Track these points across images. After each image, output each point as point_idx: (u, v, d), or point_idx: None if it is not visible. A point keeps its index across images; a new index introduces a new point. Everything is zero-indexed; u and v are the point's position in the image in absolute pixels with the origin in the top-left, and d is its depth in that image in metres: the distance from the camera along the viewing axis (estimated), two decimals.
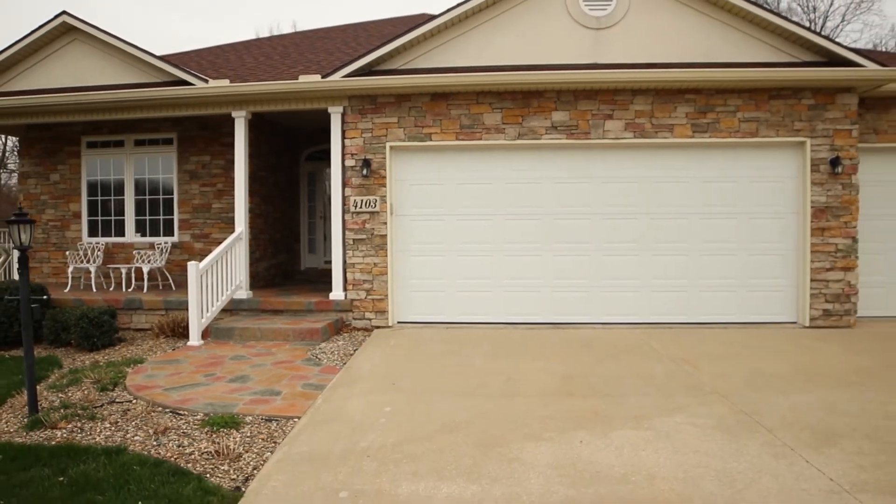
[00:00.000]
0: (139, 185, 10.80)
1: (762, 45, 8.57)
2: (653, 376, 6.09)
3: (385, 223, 8.75)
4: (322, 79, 8.51)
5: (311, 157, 12.65)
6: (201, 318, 7.79)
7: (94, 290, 9.81)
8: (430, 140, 8.73)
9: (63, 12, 9.25)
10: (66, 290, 9.72)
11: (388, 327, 8.71)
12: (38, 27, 9.37)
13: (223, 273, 8.41)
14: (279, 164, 11.61)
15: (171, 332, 8.25)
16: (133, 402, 5.45)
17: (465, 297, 8.84)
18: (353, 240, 8.80)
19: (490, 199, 8.81)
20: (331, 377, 6.10)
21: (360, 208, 8.76)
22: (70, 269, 9.98)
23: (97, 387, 5.87)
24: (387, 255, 8.76)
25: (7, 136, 25.29)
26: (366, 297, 8.79)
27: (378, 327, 8.69)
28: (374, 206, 8.74)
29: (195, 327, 7.67)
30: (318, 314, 8.68)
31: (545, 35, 8.68)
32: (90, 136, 10.79)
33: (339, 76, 8.53)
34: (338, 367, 6.56)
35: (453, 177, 8.83)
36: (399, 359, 6.98)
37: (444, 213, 8.84)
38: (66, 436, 4.71)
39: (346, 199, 8.83)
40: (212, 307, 8.10)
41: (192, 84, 8.91)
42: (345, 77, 8.53)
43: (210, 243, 10.42)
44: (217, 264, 8.22)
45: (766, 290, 8.69)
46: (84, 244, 10.52)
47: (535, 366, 6.51)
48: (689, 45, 8.59)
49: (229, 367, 6.56)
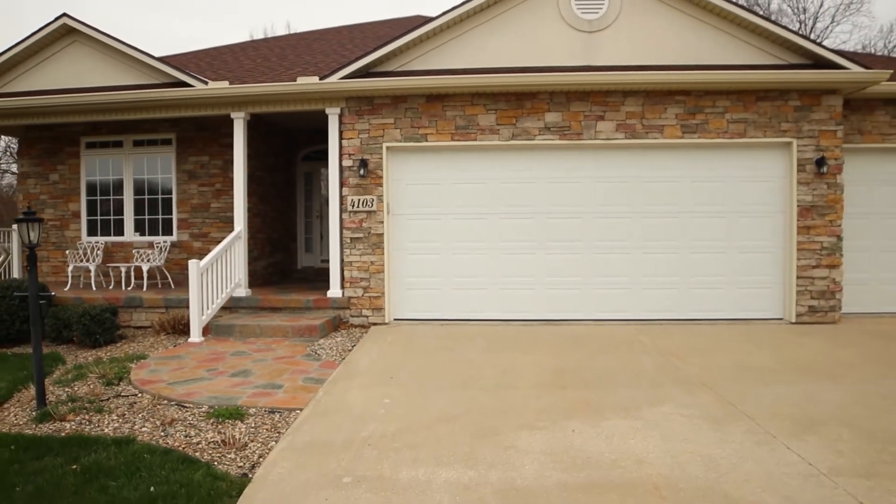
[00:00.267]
0: (138, 185, 10.93)
1: (750, 47, 8.78)
2: (642, 369, 6.30)
3: (382, 222, 8.92)
4: (320, 80, 8.68)
5: (308, 158, 12.81)
6: (202, 316, 7.94)
7: (94, 289, 9.94)
8: (426, 141, 8.90)
9: (63, 14, 9.38)
10: (66, 289, 9.84)
11: (385, 324, 8.88)
12: (39, 29, 9.49)
13: (223, 271, 8.56)
14: (276, 165, 11.76)
15: (172, 329, 8.39)
16: (138, 395, 5.60)
17: (461, 295, 9.02)
18: (351, 238, 8.97)
19: (485, 199, 8.99)
20: (330, 371, 6.27)
21: (358, 207, 8.93)
22: (70, 268, 10.10)
23: (102, 381, 6.03)
24: (383, 254, 8.93)
25: (0, 137, 25.30)
26: (363, 295, 8.95)
27: (375, 324, 8.86)
28: (371, 205, 8.91)
29: (196, 324, 7.82)
30: (316, 311, 8.84)
31: (538, 37, 8.87)
32: (89, 137, 10.92)
33: (336, 78, 8.69)
34: (337, 362, 6.73)
35: (449, 177, 9.01)
36: (396, 354, 7.16)
37: (440, 212, 9.02)
38: (74, 428, 4.87)
39: (343, 198, 8.99)
40: (212, 305, 8.25)
41: (191, 85, 9.05)
42: (342, 79, 8.69)
43: (208, 242, 10.56)
44: (217, 263, 8.37)
45: (753, 287, 8.91)
46: (83, 243, 10.64)
47: (528, 360, 6.70)
48: (679, 48, 8.79)
49: (231, 362, 6.72)
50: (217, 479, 3.77)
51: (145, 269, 9.91)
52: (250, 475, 3.91)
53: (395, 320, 9.02)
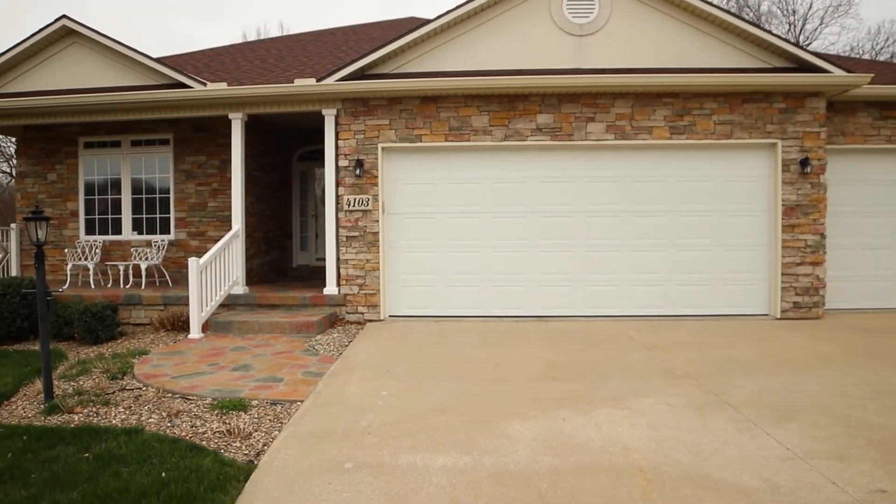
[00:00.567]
0: (136, 185, 11.06)
1: (737, 51, 9.02)
2: (630, 363, 6.53)
3: (377, 221, 9.11)
4: (317, 82, 8.85)
5: (303, 158, 12.98)
6: (201, 312, 8.10)
7: (93, 287, 10.08)
8: (421, 141, 9.10)
9: (63, 16, 9.50)
10: (66, 287, 9.98)
11: (381, 321, 9.07)
12: (39, 30, 9.61)
13: (221, 269, 8.71)
14: (272, 164, 11.93)
15: (172, 326, 8.54)
16: (143, 389, 5.77)
17: (455, 292, 9.22)
18: (347, 237, 9.15)
19: (478, 198, 9.19)
20: (329, 366, 6.46)
21: (354, 207, 9.11)
22: (69, 267, 10.23)
23: (107, 376, 6.19)
24: (379, 252, 9.12)
25: None
26: (359, 292, 9.14)
27: (370, 321, 9.05)
28: (367, 204, 9.10)
29: (196, 320, 7.98)
30: (312, 308, 9.02)
31: (531, 41, 9.08)
32: (87, 137, 11.04)
33: (332, 80, 8.87)
34: (335, 356, 6.92)
35: (443, 176, 9.21)
36: (392, 349, 7.36)
37: (434, 211, 9.21)
38: (82, 419, 5.03)
39: (339, 197, 9.17)
40: (211, 302, 8.41)
41: (190, 87, 9.20)
42: (338, 81, 8.87)
43: (206, 241, 10.71)
44: (216, 261, 8.53)
45: (739, 283, 9.15)
46: (81, 242, 10.76)
47: (521, 354, 6.92)
48: (668, 52, 9.02)
49: (231, 357, 6.89)
50: (225, 465, 3.96)
51: (144, 267, 10.06)
52: (256, 462, 4.10)
53: (391, 317, 9.21)
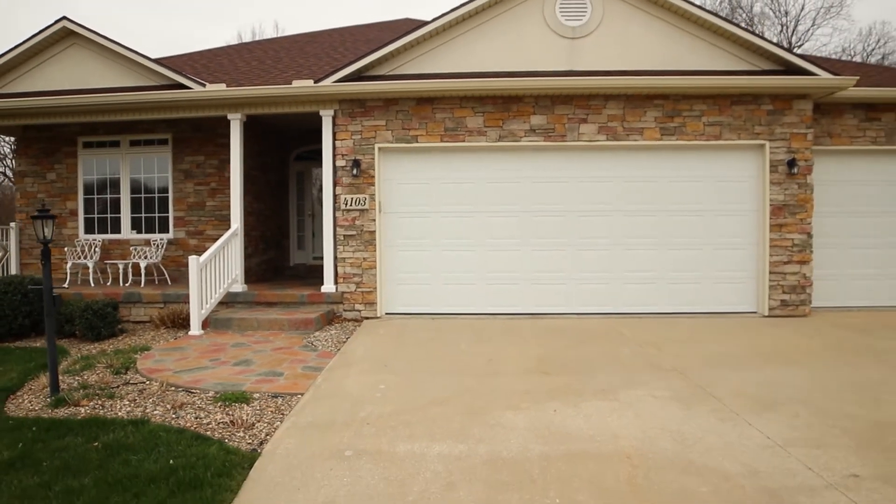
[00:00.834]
0: (135, 184, 11.20)
1: (726, 54, 9.23)
2: (620, 357, 6.73)
3: (374, 220, 9.28)
4: (315, 84, 9.02)
5: (300, 157, 13.13)
6: (201, 309, 8.25)
7: (93, 285, 10.22)
8: (417, 142, 9.27)
9: (63, 17, 9.63)
10: (66, 285, 10.12)
11: (377, 318, 9.24)
12: (39, 31, 9.73)
13: (220, 267, 8.86)
14: (270, 164, 12.09)
15: (172, 323, 8.69)
16: (147, 383, 5.93)
17: (450, 290, 9.40)
18: (344, 236, 9.32)
19: (473, 198, 9.37)
20: (327, 361, 6.63)
21: (351, 206, 9.28)
22: (68, 265, 10.37)
23: (111, 371, 6.34)
24: (375, 250, 9.29)
25: None
26: (356, 290, 9.30)
27: (367, 318, 9.22)
28: (364, 203, 9.27)
29: (196, 317, 8.13)
30: (310, 306, 9.18)
31: (524, 43, 9.27)
32: (86, 137, 11.17)
33: (330, 81, 9.04)
34: (333, 352, 7.09)
35: (438, 176, 9.39)
36: (389, 345, 7.54)
37: (430, 210, 9.39)
38: (89, 412, 5.18)
39: (336, 197, 9.34)
40: (210, 299, 8.56)
41: (189, 87, 9.34)
42: (336, 82, 9.04)
43: (204, 240, 10.86)
44: (215, 259, 8.68)
45: (728, 282, 9.36)
46: (81, 241, 10.89)
47: (514, 350, 7.10)
48: (659, 54, 9.22)
49: (232, 352, 7.06)
50: (230, 453, 4.13)
51: (143, 265, 10.20)
52: (260, 450, 4.26)
53: (387, 314, 9.38)
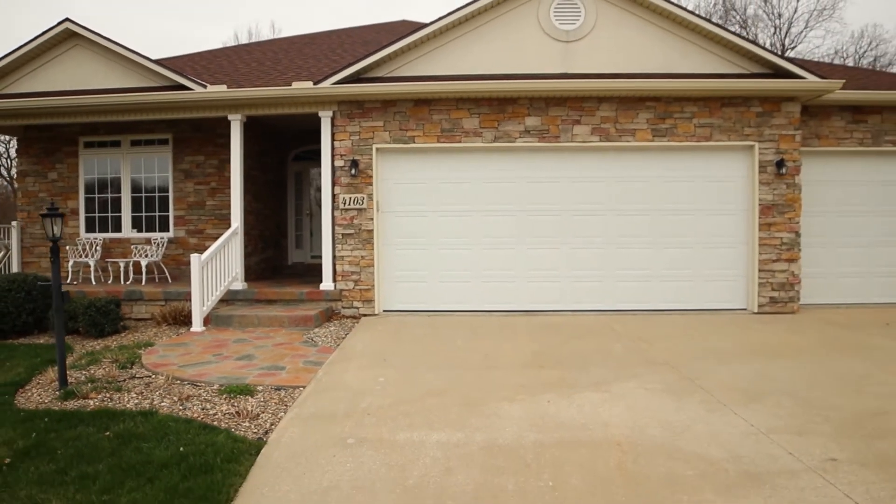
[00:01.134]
0: (135, 184, 11.34)
1: (716, 57, 9.44)
2: (613, 352, 6.93)
3: (372, 219, 9.46)
4: (314, 85, 9.19)
5: (299, 158, 13.30)
6: (203, 306, 8.41)
7: (94, 283, 10.37)
8: (414, 142, 9.46)
9: (66, 19, 9.77)
10: (67, 283, 10.25)
11: (375, 315, 9.42)
12: (42, 33, 9.86)
13: (221, 265, 9.02)
14: (268, 164, 12.25)
15: (173, 320, 8.85)
16: (152, 376, 6.09)
17: (446, 288, 9.59)
18: (342, 234, 9.49)
19: (469, 198, 9.56)
20: (328, 355, 6.81)
21: (349, 205, 9.45)
22: (70, 264, 10.51)
23: (116, 365, 6.50)
24: (373, 249, 9.46)
25: None
26: (354, 288, 9.48)
27: (365, 315, 9.40)
28: (362, 203, 9.44)
29: (198, 314, 8.29)
30: (309, 303, 9.35)
31: (519, 46, 9.46)
32: (88, 137, 11.31)
33: (329, 83, 9.21)
34: (333, 347, 7.26)
35: (435, 176, 9.57)
36: (387, 340, 7.72)
37: (427, 209, 9.58)
38: (98, 404, 5.34)
39: (335, 196, 9.51)
40: (212, 296, 8.72)
41: (190, 88, 9.49)
42: (334, 84, 9.21)
43: (204, 238, 11.02)
44: (216, 257, 8.84)
45: (719, 280, 9.57)
46: (82, 239, 11.04)
47: (509, 345, 7.30)
48: (651, 57, 9.42)
49: (234, 348, 7.22)
50: (237, 441, 4.30)
51: (144, 264, 10.35)
52: (265, 439, 4.44)
53: (385, 311, 9.56)
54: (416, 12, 46.56)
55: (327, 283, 9.52)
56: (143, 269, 10.35)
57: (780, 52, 30.06)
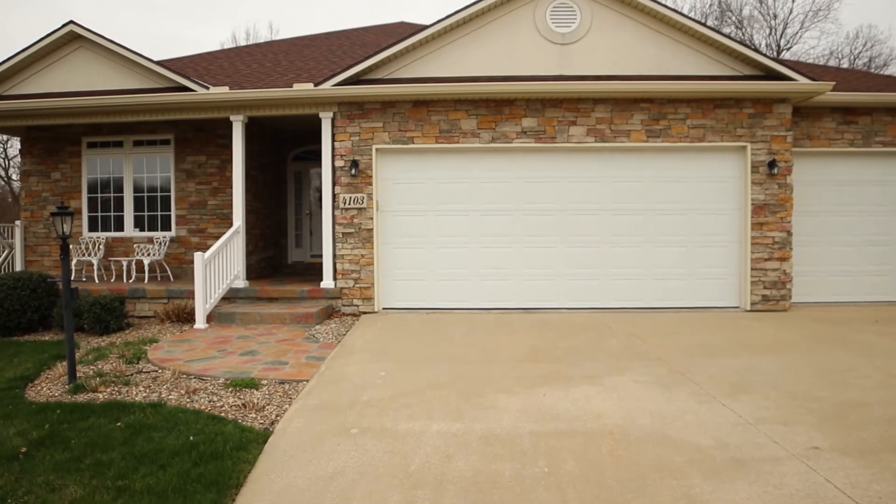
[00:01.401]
0: (138, 183, 11.50)
1: (709, 60, 9.63)
2: (607, 348, 7.11)
3: (371, 218, 9.63)
4: (315, 87, 9.36)
5: (298, 158, 13.46)
6: (206, 304, 8.57)
7: (97, 282, 10.52)
8: (413, 143, 9.63)
9: (70, 21, 9.92)
10: (71, 281, 10.38)
11: (375, 312, 9.59)
12: (46, 35, 10.01)
13: (223, 264, 9.18)
14: (268, 164, 12.42)
15: (176, 317, 9.01)
16: (159, 371, 6.26)
17: (445, 286, 9.77)
18: (343, 233, 9.66)
19: (467, 197, 9.74)
20: (329, 351, 6.98)
21: (349, 205, 9.62)
22: (73, 262, 10.65)
23: (123, 360, 6.67)
24: (373, 248, 9.64)
25: None
26: (354, 286, 9.65)
27: (365, 313, 9.57)
28: (362, 202, 9.61)
29: (201, 311, 8.46)
30: (310, 301, 9.52)
31: (516, 48, 9.64)
32: (90, 137, 11.46)
33: (329, 85, 9.38)
34: (334, 343, 7.43)
35: (433, 176, 9.75)
36: (387, 336, 7.89)
37: (426, 209, 9.75)
38: (107, 397, 5.51)
39: (335, 196, 9.69)
40: (215, 294, 8.88)
41: (192, 90, 9.65)
42: (335, 86, 9.38)
43: (206, 237, 11.18)
44: (219, 255, 9.00)
45: (712, 278, 9.77)
46: (85, 238, 11.19)
47: (506, 341, 7.48)
48: (645, 60, 9.61)
49: (237, 344, 7.39)
50: (245, 431, 4.48)
51: (146, 262, 10.51)
52: (272, 429, 4.61)
53: (384, 309, 9.73)
54: (415, 13, 46.78)
55: (328, 282, 9.68)
56: (146, 268, 10.50)
57: (776, 53, 30.38)
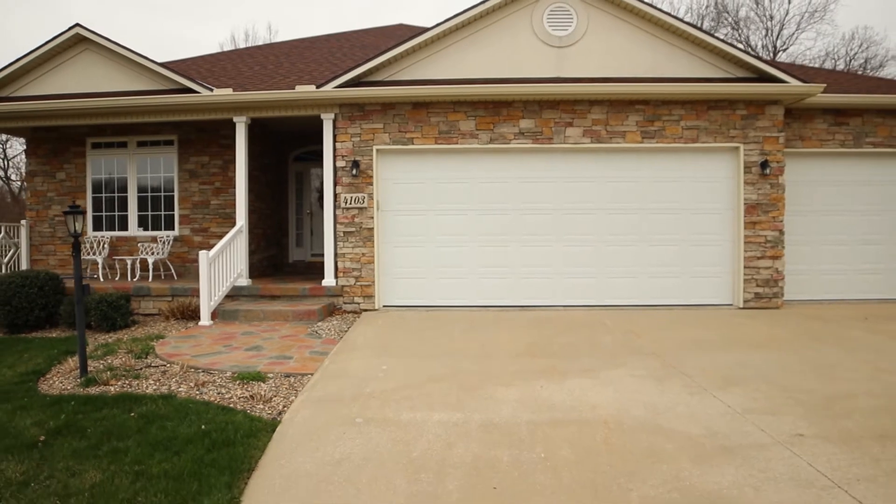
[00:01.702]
0: (141, 183, 11.68)
1: (703, 62, 9.83)
2: (603, 343, 7.31)
3: (372, 217, 9.82)
4: (317, 89, 9.55)
5: (299, 158, 13.64)
6: (210, 301, 8.75)
7: (102, 280, 10.69)
8: (412, 144, 9.83)
9: (76, 25, 10.10)
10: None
11: (375, 310, 9.78)
12: (53, 38, 10.19)
13: (227, 262, 9.37)
14: (270, 165, 12.60)
15: (181, 315, 9.19)
16: (168, 365, 6.44)
17: (444, 284, 9.96)
18: (344, 232, 9.85)
19: (465, 197, 9.94)
20: (332, 346, 7.17)
21: (350, 204, 9.81)
22: None
23: (132, 355, 6.85)
24: (374, 246, 9.83)
25: None
26: (355, 284, 9.84)
27: (366, 310, 9.75)
28: (363, 202, 9.80)
29: (206, 308, 8.64)
30: (312, 299, 9.70)
31: (514, 51, 9.84)
32: (95, 138, 11.64)
33: (331, 87, 9.57)
34: (336, 339, 7.62)
35: (433, 176, 9.95)
36: (388, 333, 8.08)
37: (425, 208, 9.95)
38: (118, 389, 5.69)
39: (337, 196, 9.87)
40: (218, 292, 9.06)
41: (196, 92, 9.84)
42: (336, 87, 9.57)
43: (209, 237, 11.36)
44: (223, 254, 9.19)
45: (706, 276, 9.97)
46: (90, 238, 11.36)
47: (504, 337, 7.67)
48: (640, 62, 9.82)
49: (242, 340, 7.58)
50: (254, 420, 4.67)
51: (151, 261, 10.68)
52: (279, 418, 4.80)
53: (384, 307, 9.92)
54: (413, 12, 46.98)
55: (329, 280, 9.87)
56: (150, 267, 10.68)
57: (772, 55, 30.62)
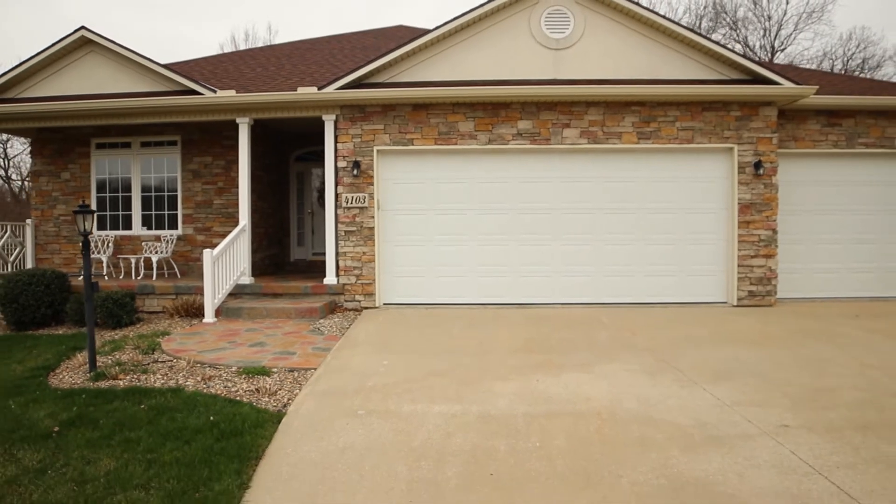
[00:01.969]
0: (145, 183, 11.85)
1: (698, 64, 10.01)
2: (598, 340, 7.48)
3: (373, 217, 9.99)
4: (318, 90, 9.72)
5: (300, 159, 13.80)
6: (214, 299, 8.92)
7: (107, 279, 10.86)
8: (412, 145, 10.00)
9: (82, 27, 10.27)
10: (81, 278, 10.72)
11: (376, 308, 9.95)
12: (58, 40, 10.36)
13: (230, 261, 9.54)
14: (271, 165, 12.76)
15: (185, 312, 9.35)
16: (174, 360, 6.61)
17: (443, 282, 10.13)
18: (345, 232, 10.02)
19: (464, 197, 10.11)
20: (334, 343, 7.34)
21: (351, 204, 9.98)
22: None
23: (139, 351, 7.02)
24: (374, 245, 10.00)
25: None
26: (356, 282, 10.01)
27: (367, 308, 9.93)
28: (364, 202, 9.98)
29: (210, 306, 8.81)
30: (313, 297, 9.88)
31: (512, 53, 10.02)
32: (99, 138, 11.81)
33: (332, 88, 9.74)
34: (338, 336, 7.80)
35: (433, 177, 10.12)
36: (389, 329, 8.26)
37: (425, 208, 10.12)
38: (127, 383, 5.86)
39: (338, 195, 10.05)
40: (222, 290, 9.23)
41: (200, 93, 10.01)
42: (338, 89, 9.75)
43: (212, 236, 11.53)
44: (226, 253, 9.36)
45: (700, 274, 10.15)
46: (94, 237, 11.50)
47: (502, 333, 7.85)
48: (636, 64, 9.99)
49: (246, 336, 7.75)
50: (260, 412, 4.84)
51: (154, 260, 10.85)
52: (284, 411, 4.97)
53: (385, 304, 10.09)
54: (411, 11, 47.14)
55: (330, 278, 10.04)
56: (154, 265, 10.84)
57: (770, 55, 30.79)
